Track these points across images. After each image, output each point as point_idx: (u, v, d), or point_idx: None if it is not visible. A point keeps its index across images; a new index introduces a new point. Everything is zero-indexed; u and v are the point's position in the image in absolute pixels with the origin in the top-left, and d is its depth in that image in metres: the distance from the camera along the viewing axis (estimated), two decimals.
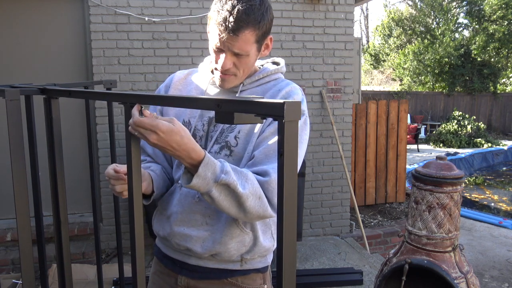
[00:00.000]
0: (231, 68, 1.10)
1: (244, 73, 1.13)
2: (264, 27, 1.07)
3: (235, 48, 1.06)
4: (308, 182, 3.99)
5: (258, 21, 1.04)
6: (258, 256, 1.17)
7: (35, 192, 1.16)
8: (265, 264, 1.21)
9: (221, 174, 0.95)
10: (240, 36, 1.03)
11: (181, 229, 1.14)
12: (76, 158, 3.61)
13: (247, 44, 1.06)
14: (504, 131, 15.31)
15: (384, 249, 4.23)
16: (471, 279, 2.08)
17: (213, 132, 1.14)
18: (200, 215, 1.13)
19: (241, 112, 0.59)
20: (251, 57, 1.10)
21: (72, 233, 3.54)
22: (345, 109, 4.09)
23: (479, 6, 15.91)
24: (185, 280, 1.19)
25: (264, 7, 1.06)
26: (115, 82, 1.77)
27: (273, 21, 1.12)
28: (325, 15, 3.89)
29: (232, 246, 1.12)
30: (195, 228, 1.13)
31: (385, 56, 19.48)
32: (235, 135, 1.11)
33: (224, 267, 1.16)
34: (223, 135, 1.12)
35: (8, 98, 0.91)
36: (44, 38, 3.52)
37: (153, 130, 0.86)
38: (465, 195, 7.24)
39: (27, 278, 0.96)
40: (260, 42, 1.10)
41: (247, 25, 1.03)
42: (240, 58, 1.08)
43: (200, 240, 1.13)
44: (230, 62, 1.08)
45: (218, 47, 1.08)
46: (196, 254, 1.14)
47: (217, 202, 0.98)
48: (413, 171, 2.27)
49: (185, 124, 1.18)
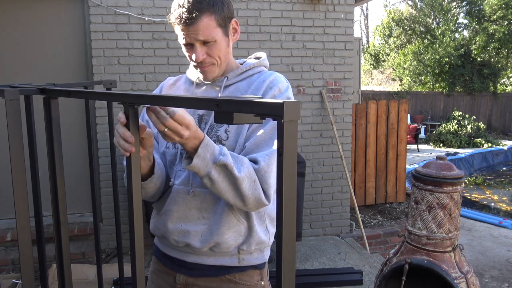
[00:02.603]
0: (206, 58, 1.13)
1: (222, 60, 1.16)
2: (221, 10, 1.10)
3: (200, 36, 1.09)
4: (308, 182, 3.99)
5: (211, 5, 1.08)
6: (254, 248, 1.18)
7: (35, 192, 1.16)
8: (262, 261, 1.23)
9: (219, 155, 0.99)
10: (198, 23, 1.07)
11: (178, 225, 1.16)
12: (76, 158, 3.61)
13: (210, 30, 1.09)
14: (504, 131, 15.31)
15: (384, 249, 4.23)
16: (471, 279, 2.08)
17: (204, 129, 1.17)
18: (196, 210, 1.15)
19: (241, 112, 0.59)
20: (220, 42, 1.12)
21: (72, 233, 3.54)
22: (345, 109, 4.09)
23: (479, 6, 15.91)
24: (183, 278, 1.20)
25: None
26: (115, 82, 1.77)
27: (231, 5, 1.15)
28: (325, 15, 3.90)
29: (229, 236, 1.14)
30: (193, 223, 1.15)
31: (385, 56, 19.48)
32: (225, 129, 1.14)
33: (222, 263, 1.17)
34: (213, 130, 1.16)
35: (8, 98, 0.91)
36: (44, 38, 3.52)
37: (187, 127, 0.90)
38: (465, 195, 7.24)
39: (27, 278, 0.96)
40: (224, 27, 1.13)
41: (201, 11, 1.06)
42: (210, 46, 1.11)
43: (199, 234, 1.15)
44: (202, 52, 1.12)
45: (186, 42, 1.12)
46: (195, 249, 1.16)
47: (216, 184, 1.01)
48: (413, 171, 2.27)
49: None
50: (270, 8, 3.76)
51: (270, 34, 3.79)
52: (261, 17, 3.75)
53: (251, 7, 3.71)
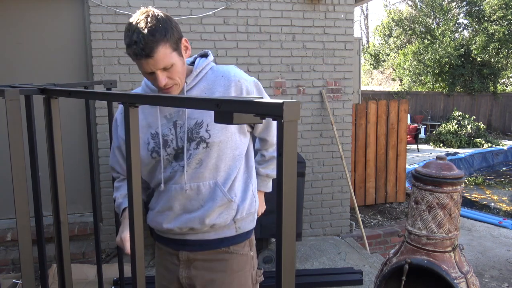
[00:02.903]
0: (168, 81, 1.22)
1: (182, 78, 1.26)
2: (172, 36, 1.18)
3: (160, 66, 1.18)
4: (308, 182, 3.99)
5: (164, 35, 1.16)
6: (246, 214, 1.37)
7: (35, 192, 1.16)
8: (252, 227, 1.43)
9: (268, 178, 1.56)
10: (156, 55, 1.16)
11: (183, 216, 1.32)
12: (76, 158, 3.61)
13: (167, 57, 1.18)
14: (504, 131, 15.31)
15: (384, 249, 4.23)
16: (471, 279, 2.08)
17: (181, 133, 1.29)
18: (195, 200, 1.32)
19: (240, 112, 0.59)
20: (177, 64, 1.22)
21: (72, 233, 3.54)
22: (345, 109, 4.09)
23: (479, 6, 15.90)
24: (185, 254, 1.37)
25: (162, 20, 1.17)
26: (115, 82, 1.77)
27: (177, 25, 1.23)
28: (325, 15, 3.90)
29: (225, 214, 1.32)
30: (194, 211, 1.31)
31: (385, 56, 19.47)
32: (205, 129, 1.27)
33: (222, 235, 1.36)
34: (194, 133, 1.28)
35: (8, 98, 0.91)
36: (44, 38, 3.52)
37: None
38: (465, 195, 7.24)
39: (27, 278, 0.96)
40: (178, 48, 1.22)
41: (157, 44, 1.15)
42: (170, 70, 1.21)
43: (200, 218, 1.31)
44: (164, 77, 1.21)
45: (147, 72, 1.21)
46: (197, 230, 1.33)
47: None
48: (413, 171, 2.27)
49: (154, 136, 1.32)
50: (270, 8, 3.76)
51: (270, 34, 3.79)
52: (261, 17, 3.75)
53: (251, 7, 3.71)
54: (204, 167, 1.28)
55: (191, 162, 1.28)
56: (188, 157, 1.28)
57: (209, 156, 1.28)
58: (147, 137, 1.32)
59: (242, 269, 1.39)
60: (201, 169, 1.28)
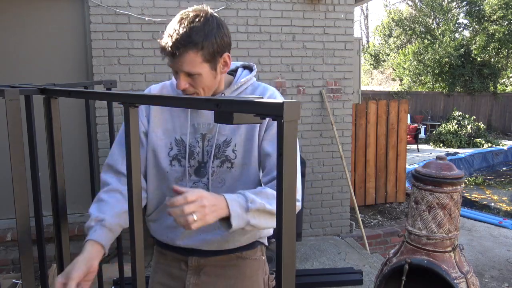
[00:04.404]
0: (188, 88, 1.13)
1: (206, 91, 1.15)
2: (211, 46, 1.07)
3: (184, 69, 1.09)
4: (308, 182, 3.99)
5: (199, 41, 1.05)
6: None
7: (35, 192, 1.16)
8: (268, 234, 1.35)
9: (248, 203, 1.05)
10: (183, 57, 1.06)
11: (199, 236, 1.24)
12: (76, 158, 3.61)
13: (194, 64, 1.08)
14: (504, 131, 15.31)
15: (384, 249, 4.23)
16: (471, 279, 2.08)
17: (208, 147, 1.21)
18: None
19: (240, 112, 0.59)
20: (205, 76, 1.11)
21: (72, 233, 3.54)
22: (345, 109, 4.09)
23: (479, 6, 15.90)
24: (195, 260, 1.28)
25: (210, 27, 1.07)
26: (115, 82, 1.77)
27: (226, 38, 1.12)
28: (325, 15, 3.90)
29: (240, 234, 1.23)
30: (210, 232, 1.23)
31: (385, 56, 19.48)
32: (232, 149, 1.20)
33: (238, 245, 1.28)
34: (220, 150, 1.20)
35: (8, 98, 0.91)
36: (44, 38, 3.52)
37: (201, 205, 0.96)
38: (465, 195, 7.24)
39: (27, 278, 0.96)
40: (212, 61, 1.10)
41: (187, 47, 1.05)
42: (194, 78, 1.11)
43: (216, 241, 1.24)
44: (185, 82, 1.12)
45: (172, 68, 1.12)
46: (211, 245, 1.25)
47: (258, 227, 1.09)
48: (413, 171, 2.27)
49: (178, 142, 1.22)
50: (270, 8, 3.76)
51: (270, 34, 3.79)
52: (261, 17, 3.75)
53: (251, 7, 3.71)
54: (226, 187, 1.21)
55: (214, 180, 1.21)
56: (211, 174, 1.21)
57: (232, 177, 1.21)
58: (170, 141, 1.22)
59: (255, 274, 1.34)
60: (223, 189, 1.21)
